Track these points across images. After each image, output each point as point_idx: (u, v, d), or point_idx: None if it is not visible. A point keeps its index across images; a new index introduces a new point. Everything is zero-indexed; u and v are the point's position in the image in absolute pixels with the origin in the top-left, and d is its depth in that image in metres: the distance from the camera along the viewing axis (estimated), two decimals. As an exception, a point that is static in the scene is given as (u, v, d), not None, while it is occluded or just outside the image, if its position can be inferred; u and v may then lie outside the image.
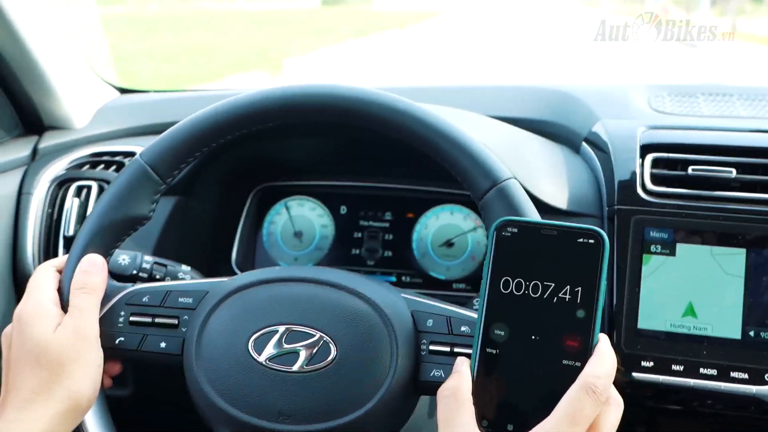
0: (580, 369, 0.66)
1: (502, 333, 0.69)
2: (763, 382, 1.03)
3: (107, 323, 0.86)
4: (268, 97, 0.87)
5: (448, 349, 0.81)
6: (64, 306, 0.83)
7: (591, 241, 0.68)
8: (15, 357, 0.80)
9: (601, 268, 0.68)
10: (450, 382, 0.70)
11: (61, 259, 0.88)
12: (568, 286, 0.68)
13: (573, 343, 0.67)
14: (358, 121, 0.86)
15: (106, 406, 0.91)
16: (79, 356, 0.80)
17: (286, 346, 0.81)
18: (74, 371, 0.79)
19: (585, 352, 0.67)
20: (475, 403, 0.68)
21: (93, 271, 0.84)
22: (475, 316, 0.78)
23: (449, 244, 1.33)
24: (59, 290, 0.85)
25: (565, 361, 0.67)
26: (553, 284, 0.69)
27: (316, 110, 0.87)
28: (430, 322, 0.83)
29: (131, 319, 0.86)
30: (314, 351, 0.80)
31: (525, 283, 0.69)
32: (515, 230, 0.71)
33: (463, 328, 0.82)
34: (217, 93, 1.59)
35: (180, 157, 0.87)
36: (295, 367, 0.80)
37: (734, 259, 1.06)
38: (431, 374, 0.81)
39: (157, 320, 0.86)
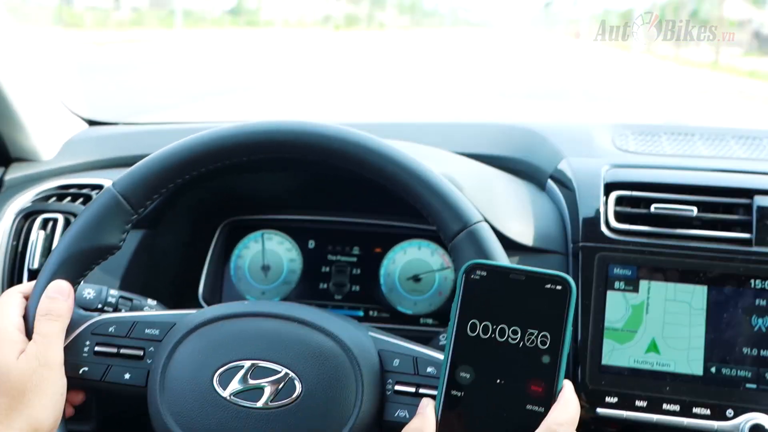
0: (543, 414, 0.67)
1: (468, 376, 0.69)
2: (725, 418, 1.04)
3: (72, 352, 0.85)
4: (243, 132, 0.87)
5: (413, 389, 0.82)
6: (29, 333, 0.82)
7: (558, 287, 0.69)
8: None
9: (568, 314, 0.68)
10: (414, 423, 0.70)
11: (28, 285, 0.87)
12: (535, 332, 0.69)
13: (537, 389, 0.68)
14: (331, 158, 0.87)
15: None
16: (41, 384, 0.79)
17: (251, 381, 0.80)
18: (35, 399, 0.78)
19: (549, 398, 0.68)
20: None
21: (59, 297, 0.84)
22: (442, 357, 0.79)
23: (416, 279, 1.34)
24: (25, 317, 0.84)
25: (529, 406, 0.68)
26: (520, 329, 0.69)
27: (290, 146, 0.87)
28: (396, 362, 0.83)
29: (96, 349, 0.86)
30: (279, 387, 0.80)
31: (492, 327, 0.70)
32: (484, 273, 0.71)
33: (429, 369, 0.82)
34: (186, 127, 1.59)
35: (153, 188, 0.87)
36: (260, 404, 0.79)
37: (696, 296, 1.08)
38: (396, 414, 0.81)
39: (122, 351, 0.86)
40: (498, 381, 0.69)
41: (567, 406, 0.67)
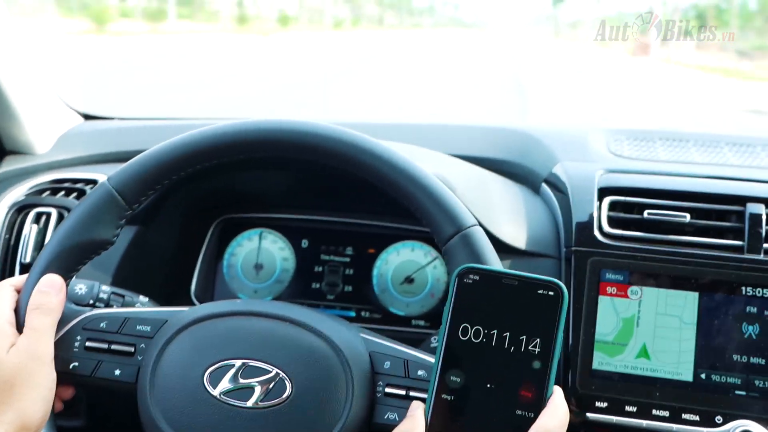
0: (533, 420, 0.67)
1: (458, 380, 0.69)
2: (714, 424, 1.05)
3: (62, 347, 0.85)
4: (239, 130, 0.87)
5: (403, 392, 0.81)
6: (20, 326, 0.82)
7: (551, 293, 0.69)
8: None
9: (559, 320, 0.68)
10: (403, 426, 0.70)
11: (20, 278, 0.87)
12: (526, 337, 0.69)
13: (527, 394, 0.68)
14: (326, 158, 0.87)
15: None
16: (30, 378, 0.79)
17: (241, 380, 0.80)
18: (25, 393, 0.78)
19: (539, 403, 0.68)
20: None
21: (51, 291, 0.83)
22: (433, 360, 0.78)
23: (409, 280, 1.34)
24: (16, 310, 0.84)
25: (518, 411, 0.68)
26: (511, 334, 0.69)
27: (286, 145, 0.87)
28: (387, 364, 0.83)
29: (87, 344, 0.86)
30: (270, 387, 0.80)
31: (483, 331, 0.70)
32: (477, 278, 0.71)
33: (419, 372, 0.82)
34: (181, 123, 1.59)
35: (148, 183, 0.87)
36: (250, 403, 0.79)
37: (687, 303, 1.08)
38: (385, 417, 0.81)
39: (113, 347, 0.86)
40: (488, 386, 0.69)
41: (556, 412, 0.67)
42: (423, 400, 0.71)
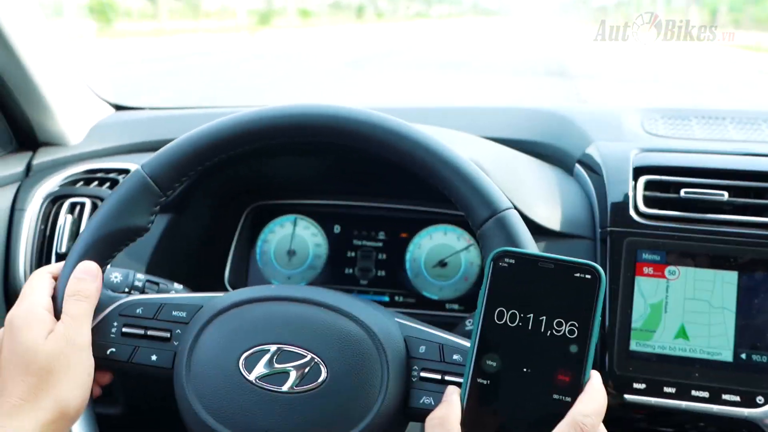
0: (570, 404, 0.66)
1: (494, 364, 0.69)
2: (755, 405, 1.03)
3: (99, 333, 0.86)
4: (271, 115, 0.87)
5: (439, 377, 0.81)
6: (57, 313, 0.83)
7: (588, 276, 0.68)
8: (5, 362, 0.79)
9: (597, 304, 0.67)
10: (439, 411, 0.69)
11: (58, 265, 0.88)
12: (563, 321, 0.68)
13: (564, 378, 0.67)
14: (359, 143, 0.86)
15: (95, 422, 0.90)
16: (68, 364, 0.79)
17: (276, 365, 0.80)
18: (63, 380, 0.79)
19: (576, 388, 0.67)
20: None
21: (87, 278, 0.84)
22: (468, 344, 0.78)
23: (442, 264, 1.33)
24: (54, 297, 0.84)
25: (555, 396, 0.67)
26: (548, 318, 0.68)
27: (318, 130, 0.87)
28: (422, 349, 0.83)
29: (123, 330, 0.86)
30: (305, 372, 0.80)
31: (519, 315, 0.69)
32: (512, 261, 0.70)
33: (455, 357, 0.81)
34: (212, 111, 1.60)
35: (181, 170, 0.87)
36: (285, 388, 0.79)
37: (726, 282, 1.06)
38: (421, 401, 0.81)
39: (149, 333, 0.86)
40: (525, 370, 0.68)
41: (594, 397, 0.66)
42: (458, 384, 0.71)
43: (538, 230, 1.16)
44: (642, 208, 1.12)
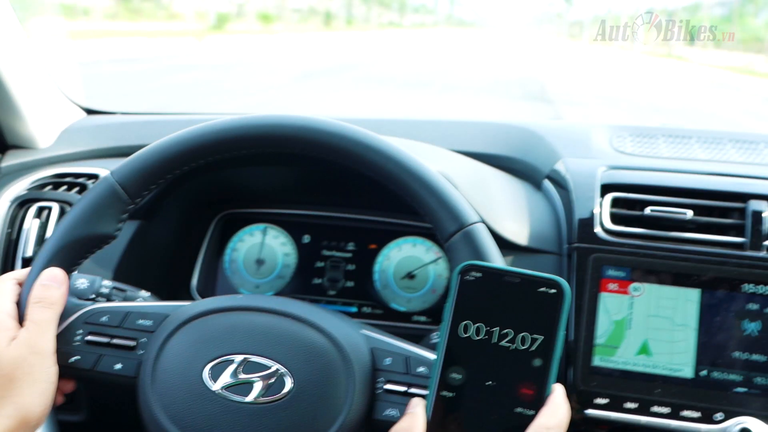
0: (533, 417, 0.67)
1: (459, 377, 0.69)
2: (714, 421, 1.05)
3: (63, 340, 0.85)
4: (242, 125, 0.87)
5: (404, 389, 0.81)
6: (21, 319, 0.82)
7: (553, 291, 0.69)
8: None
9: (561, 318, 0.68)
10: (403, 423, 0.70)
11: (22, 271, 0.87)
12: (527, 334, 0.69)
13: (528, 392, 0.68)
14: (329, 154, 0.86)
15: (58, 430, 0.89)
16: (31, 372, 0.79)
17: (242, 376, 0.80)
18: (25, 387, 0.78)
19: (539, 401, 0.68)
20: None
21: (52, 285, 0.83)
22: (434, 357, 0.78)
23: (411, 276, 1.34)
24: (18, 303, 0.84)
25: (518, 409, 0.68)
26: (513, 331, 0.69)
27: (289, 141, 0.87)
28: (388, 361, 0.83)
29: (88, 338, 0.86)
30: (270, 382, 0.80)
31: (485, 329, 0.70)
32: (479, 275, 0.71)
33: (420, 369, 0.82)
34: (184, 118, 1.59)
35: (151, 178, 0.87)
36: (250, 398, 0.79)
37: (688, 300, 1.08)
38: (385, 413, 0.81)
39: (114, 341, 0.86)
40: (488, 383, 0.69)
41: (556, 410, 0.67)
42: (423, 396, 0.71)
43: (505, 245, 1.17)
44: (608, 224, 1.13)
